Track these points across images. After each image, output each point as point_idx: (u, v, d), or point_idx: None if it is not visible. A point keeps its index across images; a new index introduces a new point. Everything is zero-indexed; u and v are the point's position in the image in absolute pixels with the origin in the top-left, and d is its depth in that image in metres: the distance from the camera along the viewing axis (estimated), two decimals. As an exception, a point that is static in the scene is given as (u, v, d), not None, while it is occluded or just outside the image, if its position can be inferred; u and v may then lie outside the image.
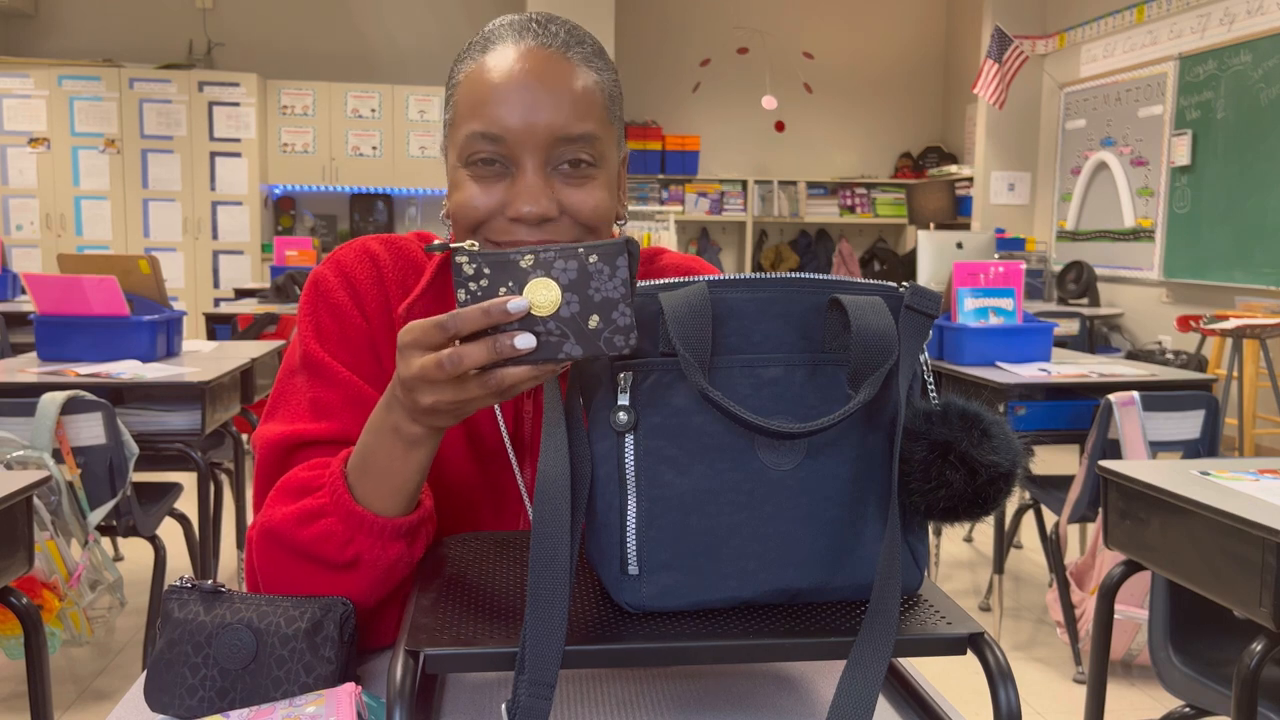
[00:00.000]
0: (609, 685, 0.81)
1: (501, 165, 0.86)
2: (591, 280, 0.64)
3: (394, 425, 0.75)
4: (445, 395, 0.68)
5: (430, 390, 0.69)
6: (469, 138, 0.86)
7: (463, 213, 0.87)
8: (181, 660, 0.76)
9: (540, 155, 0.85)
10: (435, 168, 7.48)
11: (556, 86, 0.85)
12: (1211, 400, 2.52)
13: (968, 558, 3.60)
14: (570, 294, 0.64)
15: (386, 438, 0.75)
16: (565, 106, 0.85)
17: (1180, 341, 5.65)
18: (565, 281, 0.64)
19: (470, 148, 0.86)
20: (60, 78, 6.94)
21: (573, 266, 0.64)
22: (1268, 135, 5.03)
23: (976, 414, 0.69)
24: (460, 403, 0.69)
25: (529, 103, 0.84)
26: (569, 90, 0.86)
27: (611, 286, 0.64)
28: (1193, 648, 1.66)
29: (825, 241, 8.57)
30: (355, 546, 0.77)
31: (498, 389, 0.67)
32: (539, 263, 0.64)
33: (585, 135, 0.86)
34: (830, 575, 0.70)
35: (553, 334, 0.64)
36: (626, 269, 0.64)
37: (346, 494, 0.78)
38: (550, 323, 0.64)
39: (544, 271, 0.64)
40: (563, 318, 0.64)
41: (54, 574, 1.98)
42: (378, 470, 0.77)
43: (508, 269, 0.64)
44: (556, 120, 0.85)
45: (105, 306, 2.62)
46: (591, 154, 0.87)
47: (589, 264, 0.64)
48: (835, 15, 8.33)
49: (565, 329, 0.64)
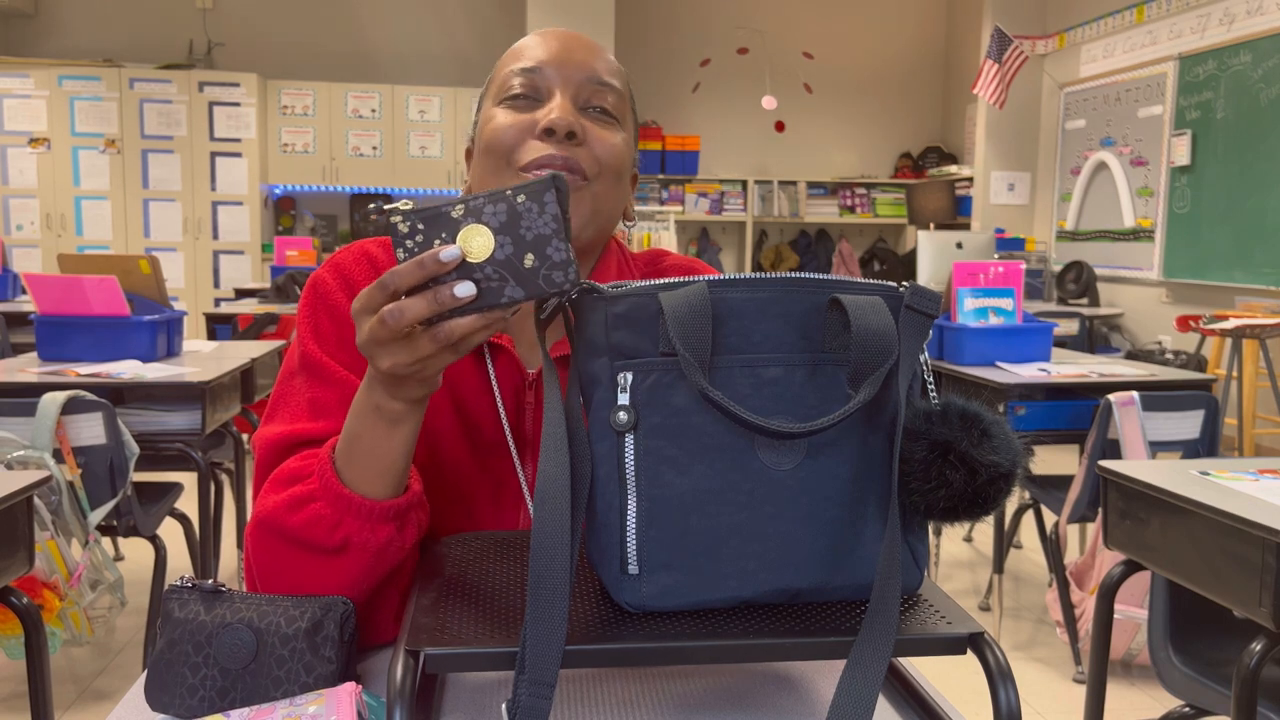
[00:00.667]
0: (609, 685, 0.81)
1: (534, 98, 0.93)
2: (522, 220, 0.65)
3: (374, 404, 0.76)
4: (400, 356, 0.69)
5: (383, 352, 0.70)
6: (508, 74, 0.94)
7: (494, 137, 0.92)
8: (182, 660, 0.76)
9: (572, 88, 0.93)
10: (435, 168, 7.48)
11: (592, 48, 0.96)
12: (1211, 400, 2.52)
13: (968, 558, 3.61)
14: (502, 236, 0.65)
15: (369, 418, 0.77)
16: (599, 60, 0.95)
17: (1180, 341, 5.65)
18: (496, 225, 0.65)
19: (508, 82, 0.94)
20: (60, 78, 6.94)
21: (502, 209, 0.65)
22: (1267, 135, 5.04)
23: (976, 414, 0.69)
24: (417, 362, 0.69)
25: (568, 47, 0.95)
26: (601, 55, 0.97)
27: (542, 223, 0.65)
28: (1193, 648, 1.66)
29: (825, 241, 8.57)
30: (344, 530, 0.78)
31: (448, 341, 0.67)
32: (469, 210, 0.65)
33: (613, 87, 0.95)
34: (830, 575, 0.70)
35: (491, 279, 0.65)
36: (555, 204, 0.65)
37: (334, 478, 0.78)
38: (487, 268, 0.65)
39: (475, 218, 0.65)
40: (498, 260, 0.65)
41: (54, 574, 1.98)
42: (363, 452, 0.78)
43: (440, 221, 0.65)
44: (591, 64, 0.94)
45: (105, 306, 2.62)
46: (615, 109, 0.95)
47: (518, 204, 0.65)
48: (835, 15, 8.33)
49: (503, 272, 0.65)
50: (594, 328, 0.68)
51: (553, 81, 0.92)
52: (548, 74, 0.93)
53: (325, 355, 0.91)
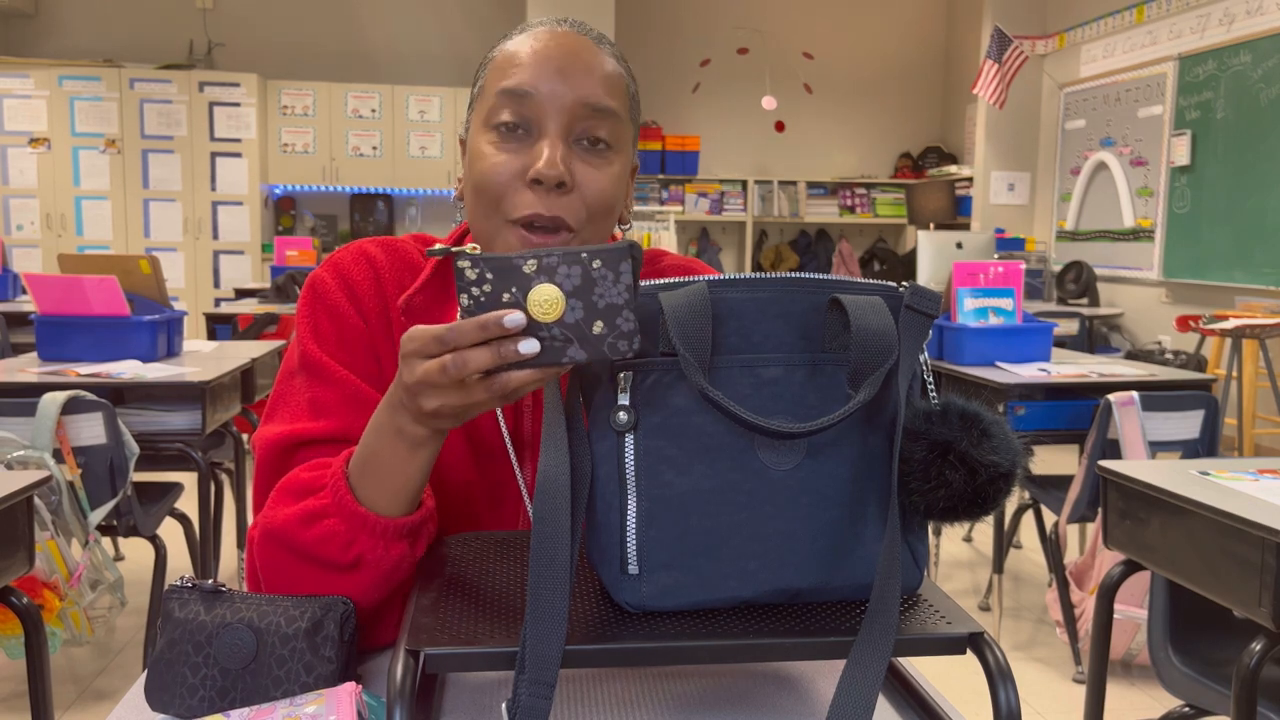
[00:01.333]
0: (609, 685, 0.81)
1: (524, 132, 0.88)
2: (595, 286, 0.63)
3: (398, 427, 0.75)
4: (450, 400, 0.69)
5: (435, 395, 0.69)
6: (497, 96, 0.88)
7: (484, 180, 0.88)
8: (182, 660, 0.76)
9: (564, 120, 0.87)
10: (435, 168, 7.48)
11: (588, 62, 0.89)
12: (1211, 400, 2.52)
13: (968, 558, 3.61)
14: (574, 300, 0.64)
15: (390, 439, 0.76)
16: (595, 79, 0.88)
17: (1180, 341, 5.65)
18: (569, 287, 0.63)
19: (497, 108, 0.88)
20: (60, 78, 6.94)
21: (576, 272, 0.63)
22: (1267, 135, 5.04)
23: (976, 414, 0.69)
24: (465, 406, 0.69)
25: (561, 68, 0.87)
26: (599, 67, 0.89)
27: (615, 292, 0.63)
28: (1192, 648, 1.66)
29: (825, 241, 8.57)
30: (358, 547, 0.77)
31: (502, 392, 0.67)
32: (542, 268, 0.63)
33: (609, 110, 0.89)
34: (830, 575, 0.70)
35: (556, 339, 0.64)
36: (630, 274, 0.64)
37: (349, 495, 0.78)
38: (554, 328, 0.64)
39: (547, 277, 0.63)
40: (566, 323, 0.64)
41: (54, 574, 1.98)
42: (381, 471, 0.77)
43: (510, 274, 0.64)
44: (584, 89, 0.87)
45: (106, 306, 2.62)
46: (610, 136, 0.89)
47: (593, 269, 0.63)
48: (835, 15, 8.33)
49: (569, 334, 0.64)
50: (594, 328, 0.68)
51: (544, 112, 0.87)
52: (538, 102, 0.86)
53: (325, 355, 0.91)
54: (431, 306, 0.95)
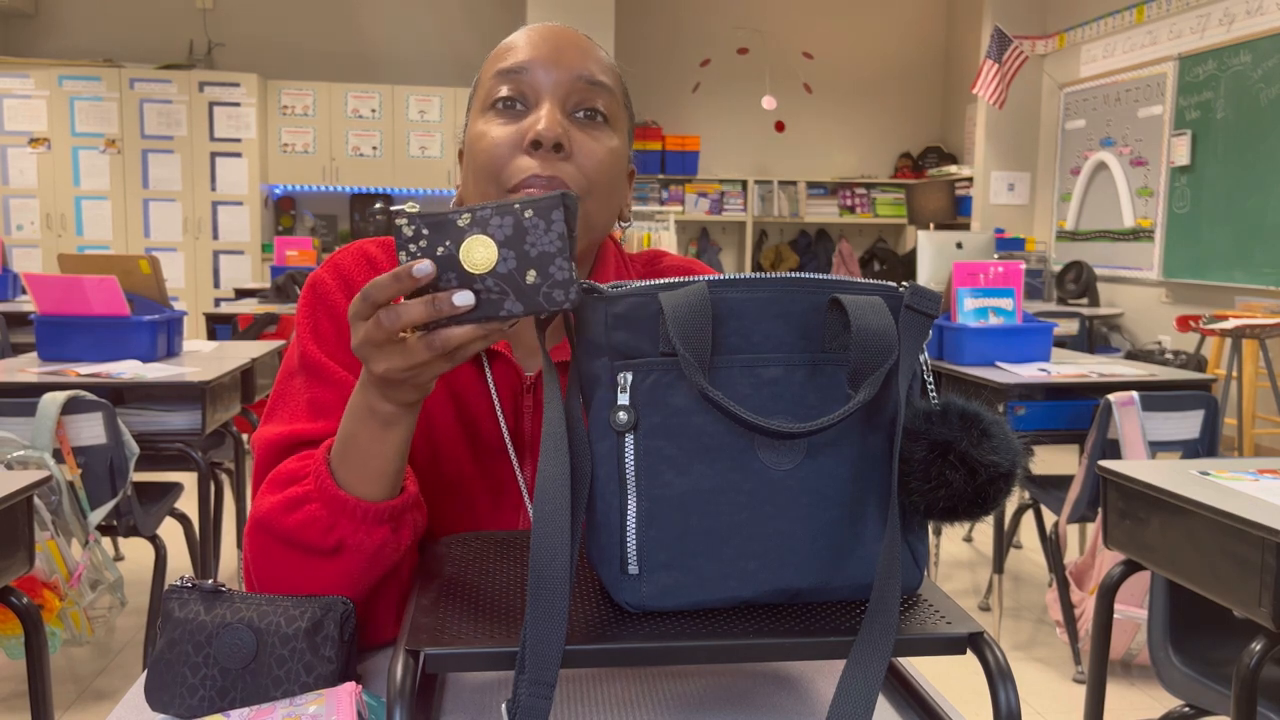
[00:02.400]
0: (609, 685, 0.81)
1: (522, 106, 0.90)
2: (527, 235, 0.64)
3: (368, 406, 0.76)
4: (395, 361, 0.69)
5: (379, 356, 0.70)
6: (494, 78, 0.91)
7: (485, 155, 0.89)
8: (182, 660, 0.76)
9: (560, 92, 0.89)
10: (435, 168, 7.48)
11: (581, 45, 0.92)
12: (1211, 400, 2.52)
13: (968, 558, 3.61)
14: (506, 249, 0.64)
15: (363, 419, 0.77)
16: (589, 58, 0.92)
17: (1180, 341, 5.65)
18: (501, 237, 0.64)
19: (494, 88, 0.90)
20: (60, 78, 6.94)
21: (508, 222, 0.64)
22: (1267, 135, 5.03)
23: (976, 414, 0.69)
24: (411, 368, 0.69)
25: (556, 46, 0.91)
26: (591, 51, 0.93)
27: (548, 240, 0.64)
28: (1192, 648, 1.66)
29: (825, 241, 8.57)
30: (339, 531, 0.78)
31: (443, 349, 0.67)
32: (475, 220, 0.64)
33: (604, 84, 0.91)
34: (830, 575, 0.70)
35: (492, 291, 0.65)
36: (563, 222, 0.64)
37: (329, 479, 0.79)
38: (488, 279, 0.64)
39: (480, 229, 0.64)
40: (500, 274, 0.64)
41: (54, 574, 1.98)
42: (357, 453, 0.78)
43: (445, 228, 0.65)
44: (579, 64, 0.90)
45: (106, 306, 2.62)
46: (607, 110, 0.91)
47: (525, 219, 0.64)
48: (835, 15, 8.33)
49: (504, 285, 0.64)
50: (594, 328, 0.68)
51: (540, 84, 0.89)
52: (534, 75, 0.89)
53: (324, 355, 0.91)
54: None
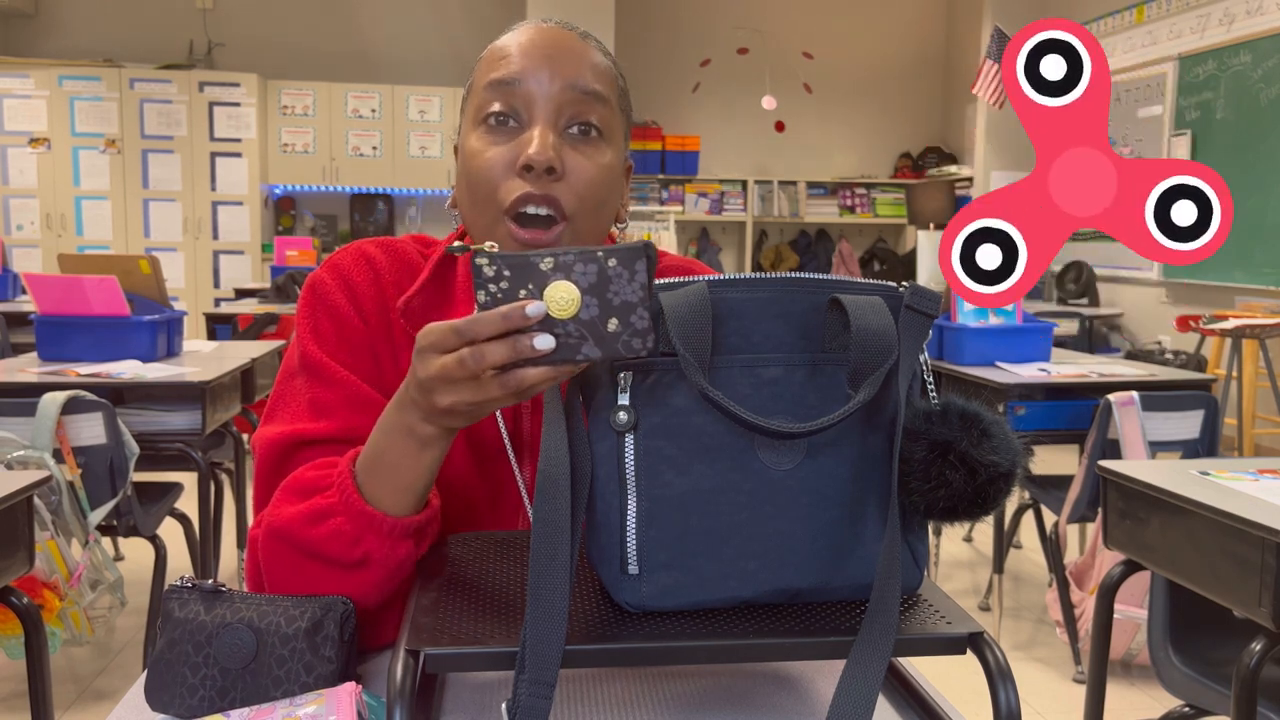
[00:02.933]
0: (609, 685, 0.81)
1: (514, 122, 0.88)
2: (611, 284, 0.64)
3: (408, 426, 0.75)
4: (464, 396, 0.69)
5: (449, 390, 0.69)
6: (485, 89, 0.89)
7: (477, 175, 0.88)
8: (182, 660, 0.76)
9: (552, 107, 0.87)
10: (435, 168, 7.48)
11: (575, 50, 0.90)
12: (1211, 400, 2.52)
13: (968, 558, 3.60)
14: (590, 297, 0.64)
15: (399, 438, 0.76)
16: (582, 65, 0.89)
17: (1179, 341, 5.65)
18: (585, 285, 0.64)
19: (486, 101, 0.89)
20: (60, 78, 6.94)
21: (592, 270, 0.64)
22: (1268, 135, 5.03)
23: (976, 414, 0.69)
24: (478, 403, 0.69)
25: (548, 55, 0.88)
26: (586, 56, 0.90)
27: (630, 290, 0.64)
28: (1192, 648, 1.66)
29: (825, 241, 8.57)
30: (364, 546, 0.78)
31: (516, 389, 0.67)
32: (559, 265, 0.64)
33: (598, 94, 0.89)
34: (830, 575, 0.70)
35: (571, 336, 0.65)
36: (645, 273, 0.64)
37: (356, 493, 0.78)
38: (569, 325, 0.65)
39: (564, 274, 0.64)
40: (582, 320, 0.65)
41: (54, 574, 1.98)
42: (388, 470, 0.77)
43: (527, 271, 0.65)
44: (572, 74, 0.88)
45: (106, 306, 2.62)
46: (601, 122, 0.89)
47: (608, 267, 0.64)
48: (835, 15, 8.33)
49: (584, 331, 0.65)
50: (594, 328, 0.69)
51: (532, 99, 0.87)
52: (526, 89, 0.87)
53: (325, 355, 0.91)
54: (430, 308, 0.95)
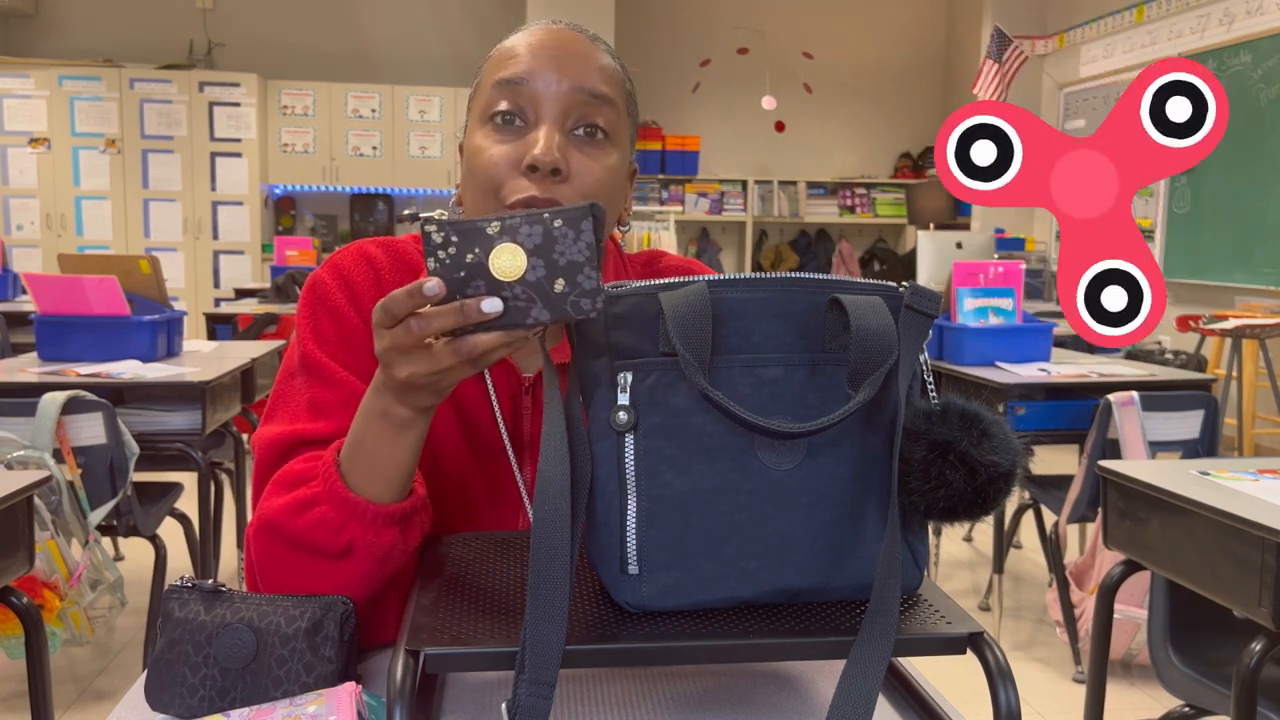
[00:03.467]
0: (609, 685, 0.81)
1: (521, 121, 0.88)
2: (556, 244, 0.65)
3: (382, 409, 0.76)
4: (419, 366, 0.69)
5: (404, 361, 0.70)
6: (493, 88, 0.89)
7: (482, 172, 0.88)
8: (182, 660, 0.76)
9: (559, 108, 0.87)
10: (435, 168, 7.48)
11: (584, 52, 0.90)
12: (1211, 400, 2.52)
13: (968, 558, 3.60)
14: (535, 258, 0.65)
15: (376, 422, 0.77)
16: (591, 68, 0.90)
17: (1180, 341, 5.65)
18: (530, 246, 0.65)
19: (493, 100, 0.89)
20: (60, 78, 6.93)
21: (537, 231, 0.65)
22: (1268, 135, 5.03)
23: (976, 414, 0.69)
24: (435, 374, 0.70)
25: (556, 57, 0.88)
26: (594, 58, 0.91)
27: (576, 250, 0.65)
28: (1192, 647, 1.66)
29: (825, 241, 8.57)
30: (348, 533, 0.78)
31: (469, 356, 0.68)
32: (505, 229, 0.65)
33: (605, 96, 0.89)
34: (830, 575, 0.70)
35: (519, 299, 0.65)
36: (591, 233, 0.65)
37: (339, 481, 0.78)
38: (517, 288, 0.65)
39: (509, 237, 0.65)
40: (529, 282, 0.65)
41: (54, 574, 1.98)
42: (368, 456, 0.78)
43: (474, 236, 0.65)
44: (580, 76, 0.88)
45: (106, 306, 2.62)
46: (607, 124, 0.90)
47: (554, 228, 0.65)
48: (835, 15, 8.33)
49: (532, 293, 0.65)
50: (593, 327, 0.69)
51: (539, 99, 0.87)
52: (534, 89, 0.87)
53: (325, 355, 0.91)
54: None
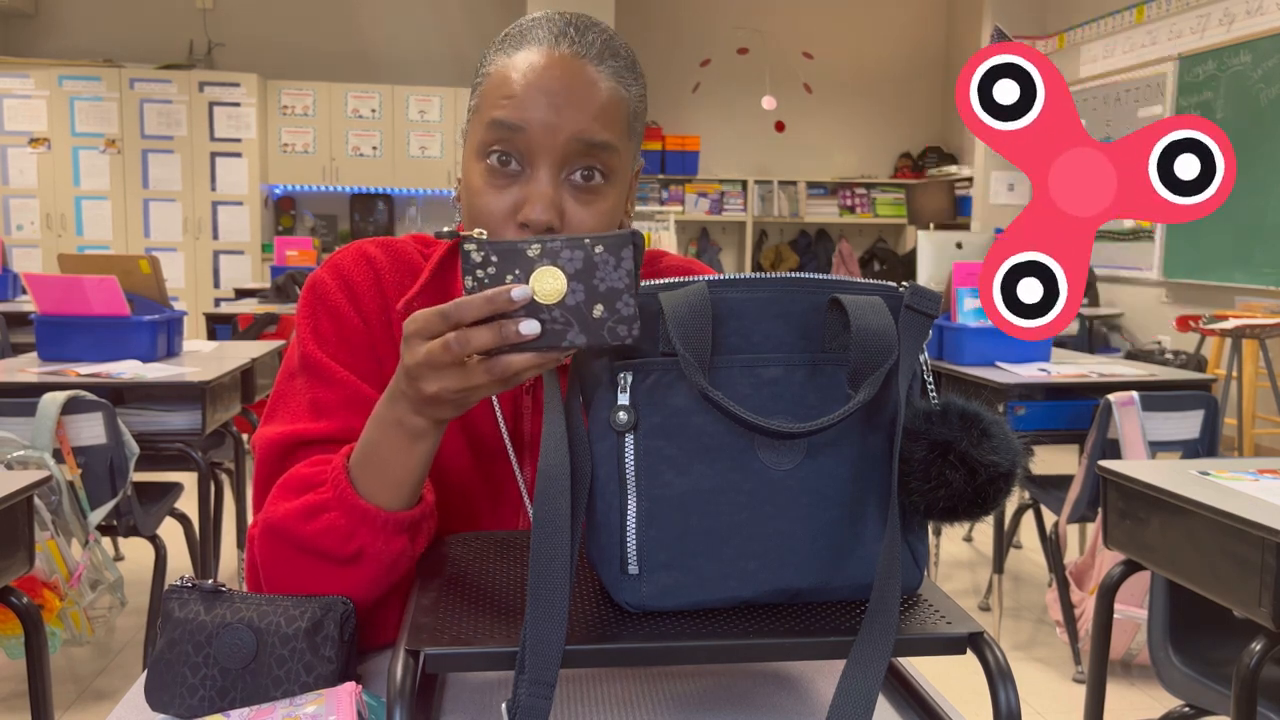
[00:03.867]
0: (609, 685, 0.81)
1: (516, 165, 0.86)
2: (597, 270, 0.65)
3: (398, 418, 0.75)
4: (450, 382, 0.69)
5: (435, 377, 0.69)
6: (491, 124, 0.86)
7: (477, 215, 0.87)
8: (182, 660, 0.76)
9: (556, 156, 0.85)
10: (435, 168, 7.48)
11: (584, 93, 0.86)
12: (1211, 400, 2.52)
13: (968, 558, 3.60)
14: (575, 283, 0.65)
15: (390, 431, 0.76)
16: (590, 112, 0.85)
17: (1180, 341, 5.65)
18: (571, 271, 0.65)
19: (490, 137, 0.86)
20: (60, 78, 6.94)
21: (579, 256, 0.65)
22: (1268, 135, 5.03)
23: (976, 414, 0.69)
24: (464, 390, 0.69)
25: (554, 102, 0.85)
26: (596, 98, 0.86)
27: (616, 277, 0.65)
28: (1192, 647, 1.66)
29: (825, 241, 8.57)
30: (358, 540, 0.78)
31: (502, 375, 0.67)
32: (545, 252, 0.65)
33: (604, 144, 0.86)
34: (830, 575, 0.70)
35: (557, 322, 0.65)
36: (631, 260, 0.65)
37: (349, 488, 0.78)
38: (555, 311, 0.65)
39: (550, 260, 0.65)
40: (568, 306, 0.65)
41: (54, 574, 1.98)
42: (381, 464, 0.77)
43: (514, 258, 0.65)
44: (578, 123, 0.85)
45: (106, 306, 2.62)
46: (605, 166, 0.87)
47: (595, 254, 0.65)
48: (835, 15, 8.33)
49: (570, 317, 0.65)
50: (594, 328, 0.69)
51: (536, 147, 0.85)
52: (530, 136, 0.84)
53: (325, 356, 0.91)
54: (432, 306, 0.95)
